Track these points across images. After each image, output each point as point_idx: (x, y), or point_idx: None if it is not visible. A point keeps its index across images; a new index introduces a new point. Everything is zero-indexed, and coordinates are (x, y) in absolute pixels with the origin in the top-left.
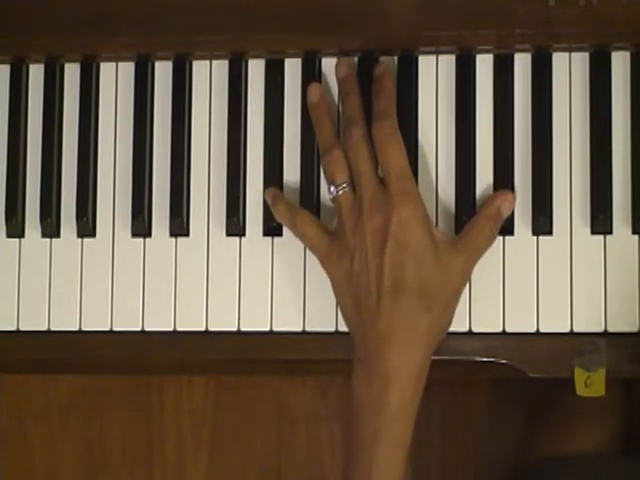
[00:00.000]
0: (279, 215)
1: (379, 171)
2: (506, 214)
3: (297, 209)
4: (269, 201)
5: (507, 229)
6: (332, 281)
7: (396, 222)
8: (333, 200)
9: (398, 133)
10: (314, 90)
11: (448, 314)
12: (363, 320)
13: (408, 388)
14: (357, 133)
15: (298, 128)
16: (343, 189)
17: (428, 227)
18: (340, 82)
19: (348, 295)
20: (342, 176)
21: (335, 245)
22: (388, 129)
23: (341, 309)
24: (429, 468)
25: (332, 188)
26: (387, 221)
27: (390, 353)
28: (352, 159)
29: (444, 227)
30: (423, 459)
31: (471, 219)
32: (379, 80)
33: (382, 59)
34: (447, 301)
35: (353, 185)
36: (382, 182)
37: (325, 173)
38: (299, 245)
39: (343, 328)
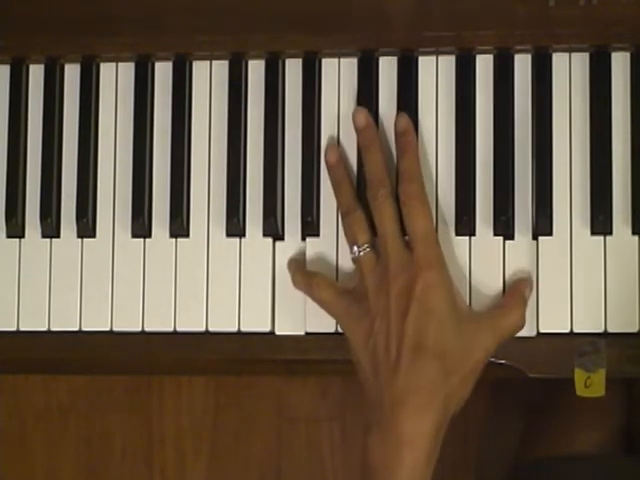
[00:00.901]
0: (296, 284)
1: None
2: (528, 299)
3: (312, 274)
4: (290, 272)
5: (507, 229)
6: (350, 341)
7: (421, 285)
8: (354, 260)
9: (425, 195)
10: (332, 152)
11: (467, 386)
12: (380, 380)
13: (422, 454)
14: (383, 194)
15: (299, 128)
16: (365, 250)
17: (452, 295)
18: (359, 133)
19: (366, 355)
20: (364, 237)
21: (355, 306)
22: (415, 192)
23: (358, 369)
24: None
25: (355, 248)
26: (412, 284)
27: (406, 415)
28: (377, 220)
29: (444, 227)
30: None
31: (499, 303)
32: (403, 137)
33: (384, 58)
34: (468, 372)
35: (374, 245)
36: (407, 244)
37: (346, 234)
38: (299, 246)
39: None
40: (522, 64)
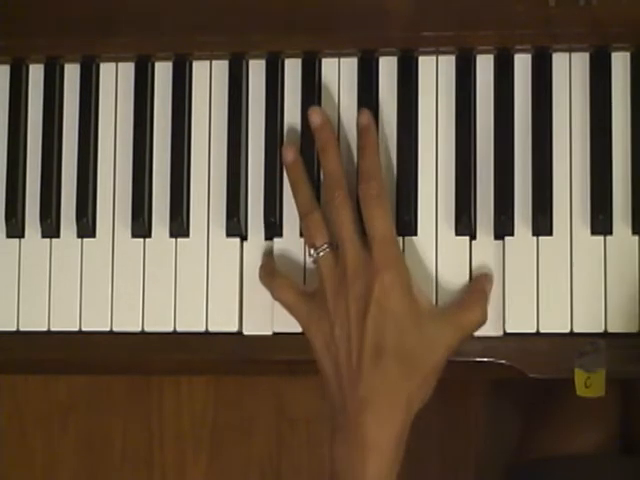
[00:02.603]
0: (260, 278)
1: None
2: (489, 294)
3: (275, 275)
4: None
5: (507, 229)
6: (313, 345)
7: (379, 287)
8: (314, 262)
9: (385, 194)
10: (289, 150)
11: (429, 385)
12: (343, 385)
13: (386, 458)
14: (340, 195)
15: (298, 128)
16: (324, 250)
17: (412, 294)
18: (315, 132)
19: (328, 359)
20: (322, 239)
21: (316, 309)
22: (374, 190)
23: (321, 373)
24: (429, 468)
25: (312, 251)
26: (370, 286)
27: (369, 420)
28: (334, 222)
29: (444, 227)
30: (423, 459)
31: (460, 300)
32: (363, 133)
33: (384, 58)
34: (429, 371)
35: (333, 245)
36: (365, 244)
37: (305, 236)
38: (299, 246)
39: None
40: (522, 64)
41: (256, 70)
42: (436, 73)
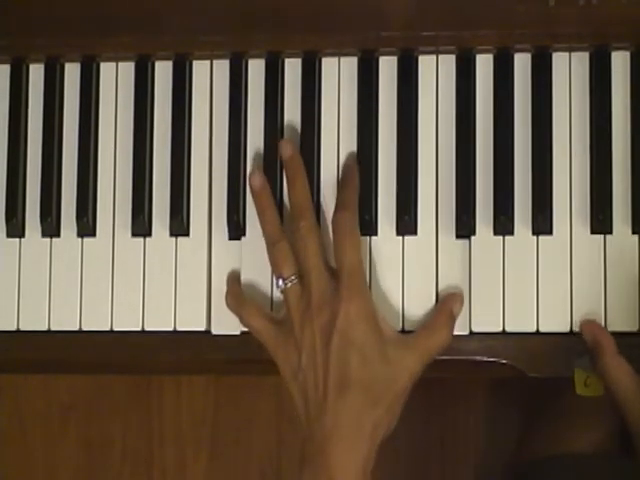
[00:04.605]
0: (228, 305)
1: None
2: (458, 315)
3: (244, 301)
4: (226, 290)
5: (507, 229)
6: (281, 372)
7: (343, 318)
8: (281, 292)
9: (357, 226)
10: (256, 176)
11: (394, 412)
12: (310, 414)
13: None
14: (305, 225)
15: (298, 128)
16: (291, 281)
17: (376, 324)
18: (285, 163)
19: (296, 387)
20: (289, 270)
21: (282, 338)
22: (348, 221)
23: (293, 401)
24: (429, 468)
25: (280, 282)
26: (334, 316)
27: (335, 450)
28: (300, 252)
29: (444, 227)
30: (423, 459)
31: (427, 323)
32: (347, 171)
33: (384, 58)
34: (393, 399)
35: (300, 274)
36: (332, 272)
37: (272, 265)
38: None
39: None
40: (522, 64)
41: (256, 70)
42: (436, 73)
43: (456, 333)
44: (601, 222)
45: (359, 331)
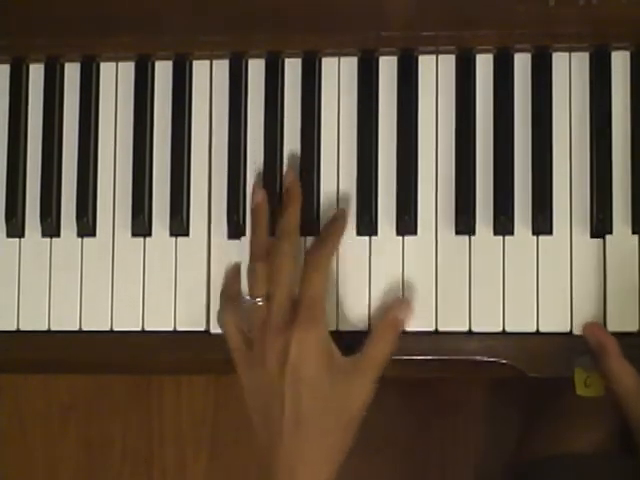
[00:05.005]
0: (220, 298)
1: None
2: (406, 319)
3: (227, 306)
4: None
5: (507, 229)
6: (244, 387)
7: (295, 349)
8: (246, 308)
9: (328, 263)
10: (259, 193)
11: (349, 435)
12: (270, 441)
13: None
14: (284, 248)
15: (298, 128)
16: (258, 302)
17: (328, 353)
18: (286, 187)
19: (257, 408)
20: (260, 290)
21: (249, 354)
22: (322, 258)
23: (251, 416)
24: (429, 468)
25: (247, 297)
26: (287, 346)
27: (296, 478)
28: (274, 274)
29: (444, 227)
30: (423, 459)
31: (370, 336)
32: (334, 215)
33: (384, 58)
34: (347, 423)
35: (268, 297)
36: (295, 302)
37: (247, 279)
38: (299, 245)
39: (344, 327)
40: (522, 64)
41: (256, 70)
42: (436, 73)
43: (456, 331)
44: (601, 222)
45: (310, 364)
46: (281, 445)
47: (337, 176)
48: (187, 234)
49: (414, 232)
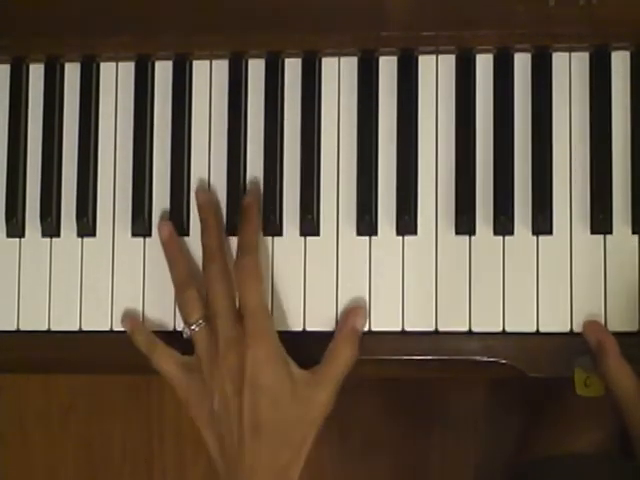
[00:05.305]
0: (138, 346)
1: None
2: (362, 328)
3: (156, 343)
4: (127, 330)
5: (507, 229)
6: (194, 419)
7: (250, 363)
8: (189, 338)
9: (258, 269)
10: (164, 228)
11: (308, 443)
12: (228, 459)
13: None
14: (214, 269)
15: (298, 128)
16: (198, 325)
17: (284, 364)
18: (199, 208)
19: (211, 433)
20: (196, 315)
21: (194, 384)
22: (249, 265)
23: (206, 445)
24: (429, 468)
25: (186, 329)
26: (242, 362)
27: None
28: (209, 295)
29: (444, 227)
30: (423, 459)
31: (330, 345)
32: (245, 211)
33: (384, 58)
34: (307, 433)
35: (209, 317)
36: (239, 315)
37: (180, 311)
38: (299, 244)
39: None
40: (522, 64)
41: (256, 70)
42: (436, 73)
43: (456, 331)
44: (601, 222)
45: (267, 375)
46: (240, 457)
47: (337, 176)
48: (187, 234)
49: (414, 232)
